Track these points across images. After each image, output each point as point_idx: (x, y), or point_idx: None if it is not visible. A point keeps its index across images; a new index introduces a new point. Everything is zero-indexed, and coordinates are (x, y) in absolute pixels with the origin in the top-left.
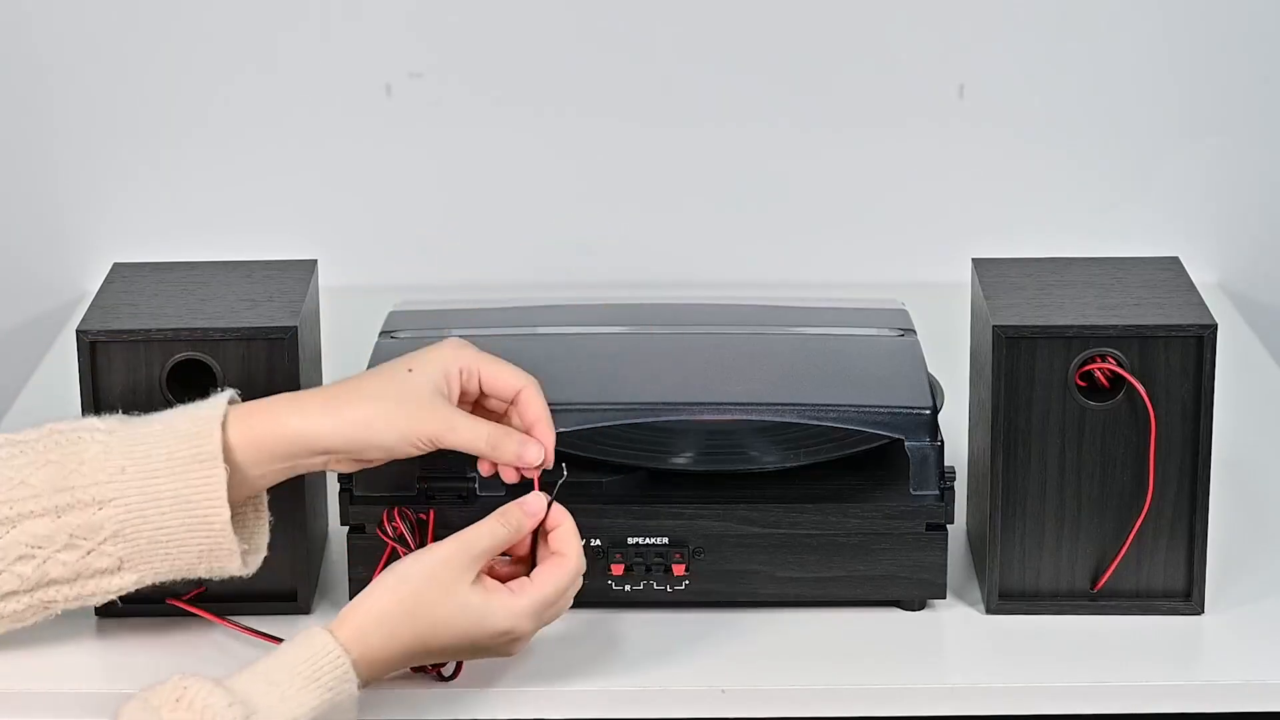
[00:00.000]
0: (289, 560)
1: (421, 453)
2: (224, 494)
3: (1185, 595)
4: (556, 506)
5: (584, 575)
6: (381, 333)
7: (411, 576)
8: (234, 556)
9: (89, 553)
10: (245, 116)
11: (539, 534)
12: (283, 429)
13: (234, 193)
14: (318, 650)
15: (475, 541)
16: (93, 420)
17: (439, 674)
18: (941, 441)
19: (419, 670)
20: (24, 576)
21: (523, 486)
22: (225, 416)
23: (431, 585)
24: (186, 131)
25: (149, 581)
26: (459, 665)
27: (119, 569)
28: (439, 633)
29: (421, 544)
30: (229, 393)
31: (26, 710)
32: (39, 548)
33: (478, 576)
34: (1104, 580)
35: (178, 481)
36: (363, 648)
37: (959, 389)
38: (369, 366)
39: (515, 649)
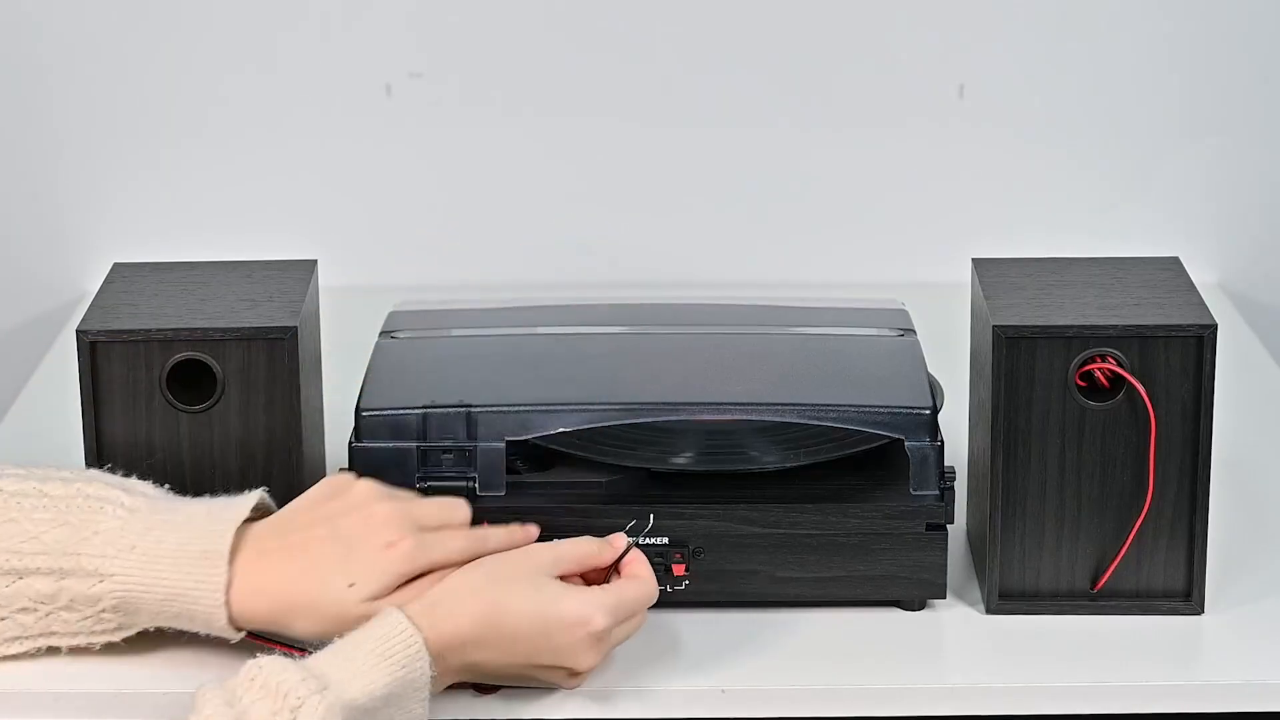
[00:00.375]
0: None
1: None
2: (223, 596)
3: (1185, 595)
4: (635, 550)
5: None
6: (381, 333)
7: (491, 558)
8: (234, 639)
9: (88, 617)
10: (245, 116)
11: (614, 571)
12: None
13: (234, 193)
14: (390, 629)
15: (559, 545)
16: (120, 494)
17: (476, 688)
18: (941, 441)
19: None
20: (26, 625)
21: None
22: (251, 515)
23: (511, 564)
24: (186, 131)
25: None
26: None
27: (119, 628)
28: (511, 605)
29: None
30: (256, 495)
31: (26, 710)
32: (41, 603)
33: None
34: (1104, 580)
35: (180, 573)
36: (431, 624)
37: (959, 389)
38: (369, 366)
39: (585, 657)
